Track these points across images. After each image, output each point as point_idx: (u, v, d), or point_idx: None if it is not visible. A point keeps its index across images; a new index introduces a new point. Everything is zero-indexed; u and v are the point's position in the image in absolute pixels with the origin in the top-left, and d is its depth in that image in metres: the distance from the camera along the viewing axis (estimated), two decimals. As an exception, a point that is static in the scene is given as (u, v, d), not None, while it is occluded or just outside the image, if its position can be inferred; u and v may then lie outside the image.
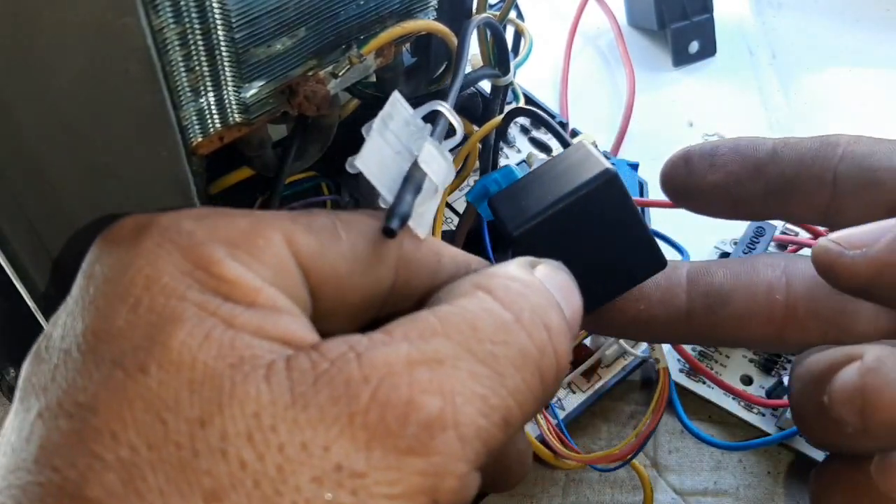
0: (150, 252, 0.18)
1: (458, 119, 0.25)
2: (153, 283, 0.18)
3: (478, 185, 0.27)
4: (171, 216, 0.19)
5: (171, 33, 0.22)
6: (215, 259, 0.18)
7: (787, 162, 0.25)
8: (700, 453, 0.37)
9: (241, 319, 0.17)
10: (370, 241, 0.20)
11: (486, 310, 0.19)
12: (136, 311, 0.17)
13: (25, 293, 0.25)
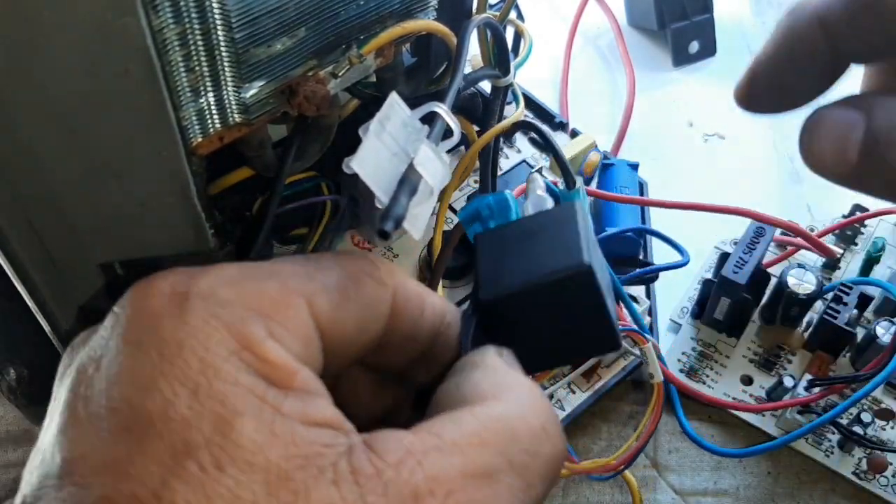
0: (200, 330, 0.19)
1: (456, 120, 0.25)
2: (208, 366, 0.18)
3: (471, 207, 0.27)
4: (208, 281, 0.20)
5: (171, 33, 0.22)
6: (258, 339, 0.19)
7: None
8: (700, 453, 0.37)
9: (288, 407, 0.18)
10: (374, 299, 0.22)
11: (520, 417, 0.20)
12: (198, 398, 0.18)
13: (25, 293, 0.25)
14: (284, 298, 0.20)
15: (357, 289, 0.21)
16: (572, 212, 0.25)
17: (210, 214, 0.27)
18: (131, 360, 0.18)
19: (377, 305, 0.22)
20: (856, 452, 0.36)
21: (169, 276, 0.20)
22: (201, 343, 0.18)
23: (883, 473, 0.35)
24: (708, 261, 0.42)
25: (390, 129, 0.23)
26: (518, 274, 0.24)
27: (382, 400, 0.25)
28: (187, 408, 0.18)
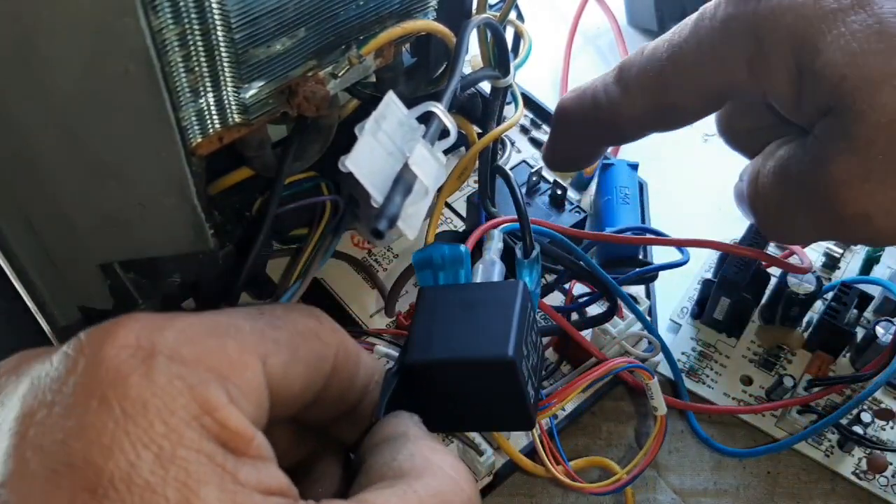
0: (165, 392, 0.19)
1: (452, 120, 0.25)
2: (172, 431, 0.18)
3: (426, 251, 0.27)
4: (172, 338, 0.20)
5: (171, 34, 0.22)
6: (219, 404, 0.19)
7: None
8: (700, 453, 0.37)
9: (244, 476, 0.19)
10: (319, 358, 0.23)
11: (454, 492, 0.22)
12: (161, 464, 0.18)
13: (25, 293, 0.25)
14: (242, 358, 0.20)
15: (305, 348, 0.22)
16: (514, 294, 0.25)
17: (210, 214, 0.27)
18: (93, 416, 0.18)
19: (321, 364, 0.23)
20: (856, 452, 0.36)
21: (131, 326, 0.20)
22: (166, 406, 0.18)
23: (883, 473, 0.35)
24: (708, 261, 0.42)
25: (386, 128, 0.23)
26: (447, 345, 0.24)
27: (299, 452, 0.26)
28: (150, 473, 0.18)
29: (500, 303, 0.25)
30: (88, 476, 0.17)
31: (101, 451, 0.18)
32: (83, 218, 0.25)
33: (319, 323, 0.23)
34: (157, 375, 0.19)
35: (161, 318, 0.20)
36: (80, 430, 0.18)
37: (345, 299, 0.38)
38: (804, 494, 0.35)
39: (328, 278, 0.39)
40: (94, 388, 0.18)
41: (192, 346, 0.20)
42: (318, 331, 0.23)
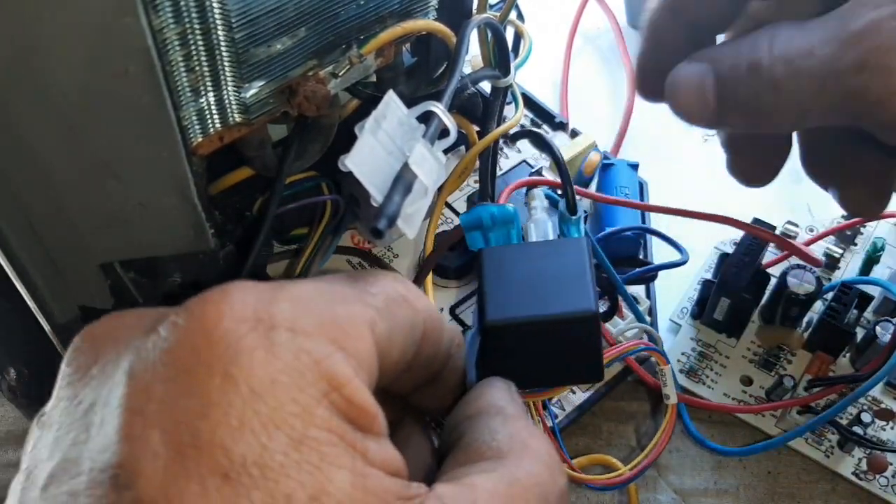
0: (292, 368, 0.18)
1: (452, 120, 0.25)
2: (302, 409, 0.17)
3: (474, 213, 0.27)
4: (289, 309, 0.19)
5: (171, 33, 0.22)
6: (345, 379, 0.18)
7: None
8: (700, 453, 0.37)
9: (372, 455, 0.18)
10: (412, 325, 0.22)
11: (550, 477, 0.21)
12: (294, 445, 0.17)
13: (25, 293, 0.25)
14: (355, 329, 0.19)
15: (400, 314, 0.21)
16: (581, 249, 0.26)
17: (210, 214, 0.27)
18: (218, 394, 0.17)
19: (413, 331, 0.22)
20: (856, 453, 0.36)
21: (244, 297, 0.18)
22: (295, 383, 0.17)
23: (883, 473, 0.35)
24: (708, 261, 0.42)
25: (386, 128, 0.23)
26: (526, 303, 0.25)
27: None
28: (284, 455, 0.17)
29: (570, 258, 0.26)
30: (218, 459, 0.16)
31: (230, 432, 0.17)
32: (83, 217, 0.25)
33: (407, 289, 0.22)
34: (282, 350, 0.18)
35: (272, 288, 0.19)
36: (204, 409, 0.17)
37: (345, 299, 0.38)
38: (804, 494, 0.35)
39: (328, 278, 0.39)
40: (214, 365, 0.17)
41: (309, 317, 0.19)
42: (407, 296, 0.22)
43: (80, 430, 0.18)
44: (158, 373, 0.17)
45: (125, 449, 0.17)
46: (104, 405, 0.18)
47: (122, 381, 0.18)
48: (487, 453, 0.21)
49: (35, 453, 0.19)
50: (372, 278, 0.22)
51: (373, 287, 0.21)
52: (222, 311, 0.18)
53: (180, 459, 0.16)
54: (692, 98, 0.27)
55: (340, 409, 0.18)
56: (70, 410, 0.18)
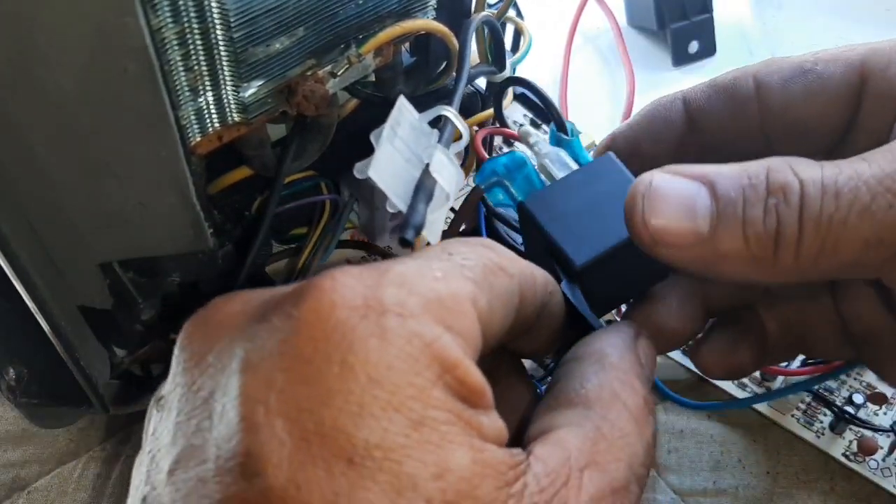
0: (406, 353, 0.18)
1: (465, 123, 0.25)
2: (420, 392, 0.18)
3: (485, 170, 0.27)
4: (395, 292, 0.19)
5: (170, 33, 0.22)
6: (456, 360, 0.19)
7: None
8: (700, 453, 0.37)
9: (485, 430, 0.19)
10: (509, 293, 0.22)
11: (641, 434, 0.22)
12: (414, 426, 0.18)
13: (25, 293, 0.25)
14: (458, 306, 0.20)
15: (497, 283, 0.21)
16: (615, 166, 0.26)
17: (209, 214, 0.27)
18: (337, 382, 0.17)
19: (511, 298, 0.22)
20: (847, 435, 0.36)
21: (352, 284, 0.19)
22: (411, 367, 0.18)
23: (873, 456, 0.35)
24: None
25: (401, 135, 0.23)
26: (599, 234, 0.25)
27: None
28: (405, 437, 0.17)
29: (610, 178, 0.26)
30: (342, 444, 0.17)
31: (351, 418, 0.17)
32: (83, 217, 0.25)
33: (499, 255, 0.22)
34: (394, 336, 0.18)
35: (377, 272, 0.19)
36: (325, 397, 0.17)
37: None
38: (803, 494, 0.35)
39: (328, 278, 0.39)
40: (331, 354, 0.18)
41: (415, 298, 0.19)
42: (502, 264, 0.22)
43: (201, 417, 0.18)
44: (276, 363, 0.18)
45: (250, 437, 0.17)
46: (223, 394, 0.18)
47: (238, 369, 0.18)
48: (575, 400, 0.22)
49: (157, 437, 0.20)
50: (465, 248, 0.22)
51: (468, 259, 0.21)
52: (334, 300, 0.18)
53: (305, 446, 0.17)
54: (676, 215, 0.22)
55: (454, 390, 0.19)
56: (189, 397, 0.19)
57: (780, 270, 0.22)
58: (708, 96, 0.28)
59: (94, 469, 0.36)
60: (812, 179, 0.21)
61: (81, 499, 0.35)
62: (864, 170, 0.21)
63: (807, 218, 0.21)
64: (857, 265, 0.22)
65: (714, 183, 0.22)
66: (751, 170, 0.22)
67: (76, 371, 0.27)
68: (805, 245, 0.21)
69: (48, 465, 0.36)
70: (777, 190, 0.22)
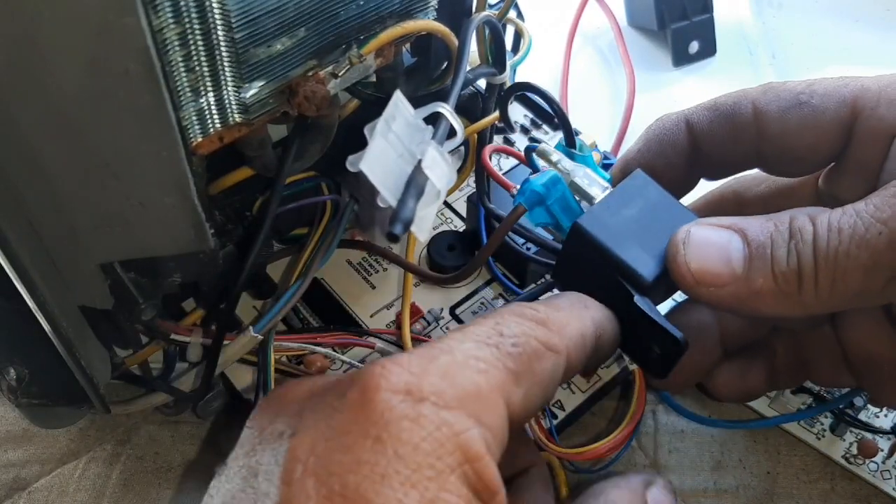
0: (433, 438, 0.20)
1: (459, 121, 0.25)
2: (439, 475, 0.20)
3: (526, 190, 0.28)
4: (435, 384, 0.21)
5: (171, 33, 0.22)
6: (478, 454, 0.20)
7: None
8: (700, 453, 0.37)
9: None
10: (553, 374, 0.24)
11: None
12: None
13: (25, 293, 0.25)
14: (491, 399, 0.22)
15: (541, 368, 0.23)
16: (650, 183, 0.28)
17: (210, 214, 0.27)
18: (368, 454, 0.20)
19: (555, 378, 0.24)
20: (847, 437, 0.36)
21: (399, 371, 0.21)
22: (434, 451, 0.20)
23: (873, 458, 0.35)
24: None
25: (396, 129, 0.23)
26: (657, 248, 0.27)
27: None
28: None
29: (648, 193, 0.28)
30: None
31: (372, 485, 0.19)
32: (83, 218, 0.25)
33: (547, 331, 0.24)
34: (426, 421, 0.20)
35: (425, 360, 0.22)
36: (355, 465, 0.20)
37: (345, 299, 0.38)
38: (803, 494, 0.35)
39: (328, 278, 0.39)
40: (369, 430, 0.20)
41: (454, 389, 0.21)
42: (550, 342, 0.24)
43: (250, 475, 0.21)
44: (322, 433, 0.21)
45: (284, 490, 0.20)
46: (273, 455, 0.21)
47: (290, 435, 0.21)
48: None
49: (211, 496, 0.22)
50: (515, 326, 0.23)
51: (517, 345, 0.23)
52: (379, 384, 0.21)
53: (323, 500, 0.19)
54: (714, 258, 0.26)
55: (470, 482, 0.20)
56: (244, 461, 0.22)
57: (804, 303, 0.25)
58: (710, 120, 0.30)
59: (94, 469, 0.36)
60: (821, 220, 0.24)
61: (82, 499, 0.35)
62: (860, 208, 0.24)
63: (819, 254, 0.24)
64: (864, 292, 0.24)
65: (745, 231, 0.26)
66: (776, 218, 0.25)
67: (77, 371, 0.27)
68: (821, 278, 0.24)
69: (49, 465, 0.36)
70: (796, 232, 0.25)
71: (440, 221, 0.42)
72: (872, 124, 0.27)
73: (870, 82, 0.28)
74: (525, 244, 0.37)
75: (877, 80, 0.28)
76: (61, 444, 0.37)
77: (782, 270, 0.25)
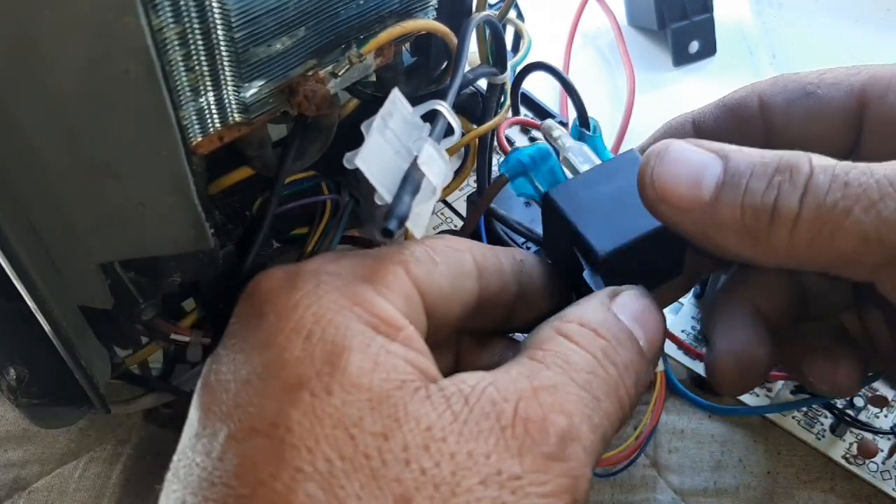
0: (312, 293, 0.21)
1: (457, 119, 0.25)
2: (321, 317, 0.20)
3: (511, 160, 0.28)
4: (314, 263, 0.22)
5: (171, 33, 0.22)
6: (368, 297, 0.21)
7: None
8: (700, 453, 0.37)
9: (393, 348, 0.20)
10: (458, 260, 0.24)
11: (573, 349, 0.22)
12: (311, 341, 0.20)
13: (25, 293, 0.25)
14: (383, 266, 0.22)
15: (440, 253, 0.24)
16: (638, 160, 0.27)
17: (210, 214, 0.27)
18: (254, 328, 0.21)
19: (463, 265, 0.24)
20: (847, 437, 0.36)
21: (279, 266, 0.22)
22: (314, 301, 0.21)
23: (873, 459, 0.35)
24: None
25: (393, 126, 0.23)
26: (622, 226, 0.26)
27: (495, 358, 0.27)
28: (301, 350, 0.20)
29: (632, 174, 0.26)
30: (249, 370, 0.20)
31: (258, 349, 0.20)
32: (83, 217, 0.25)
33: (443, 237, 0.25)
34: (303, 283, 0.21)
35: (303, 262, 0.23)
36: (243, 343, 0.21)
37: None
38: (803, 494, 0.35)
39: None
40: (251, 312, 0.21)
41: (333, 264, 0.22)
42: (446, 241, 0.24)
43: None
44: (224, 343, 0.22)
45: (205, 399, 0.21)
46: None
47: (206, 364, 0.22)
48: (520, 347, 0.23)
49: None
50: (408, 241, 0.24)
51: (407, 243, 0.24)
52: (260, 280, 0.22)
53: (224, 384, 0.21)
54: (686, 179, 0.23)
55: (363, 318, 0.21)
56: None
57: (772, 249, 0.22)
58: (716, 118, 0.29)
59: (94, 469, 0.36)
60: (823, 166, 0.21)
61: (82, 499, 0.35)
62: (877, 169, 0.21)
63: (809, 200, 0.21)
64: (852, 262, 0.21)
65: (728, 157, 0.23)
66: (767, 153, 0.22)
67: (77, 371, 0.27)
68: (802, 227, 0.21)
69: (49, 465, 0.36)
70: (785, 168, 0.22)
71: (440, 221, 0.42)
72: (882, 113, 0.26)
73: (880, 70, 0.26)
74: (525, 243, 0.37)
75: (887, 69, 0.26)
76: (61, 444, 0.37)
77: (753, 203, 0.22)
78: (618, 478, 0.36)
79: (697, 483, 0.36)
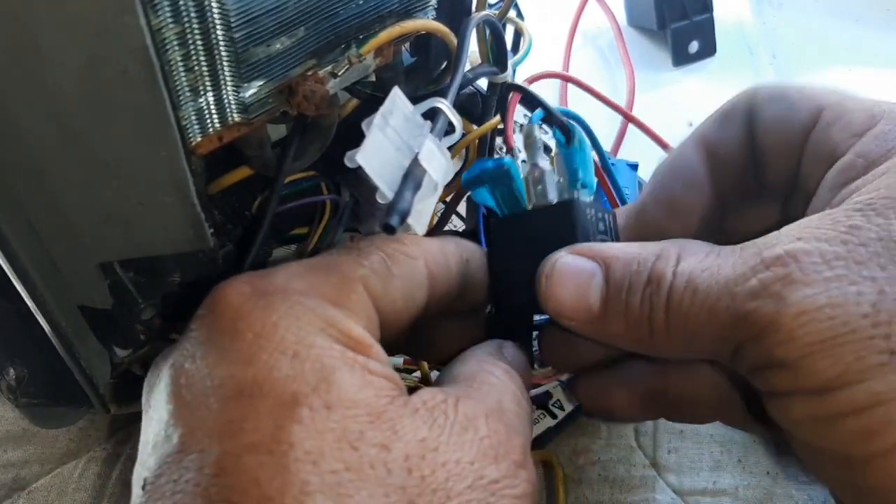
0: (290, 314, 0.22)
1: (458, 116, 0.25)
2: (303, 338, 0.21)
3: (475, 168, 0.29)
4: (280, 278, 0.23)
5: (170, 33, 0.22)
6: (339, 319, 0.22)
7: None
8: (699, 453, 0.37)
9: (372, 366, 0.22)
10: (412, 273, 0.25)
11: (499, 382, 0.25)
12: (298, 361, 0.21)
13: (25, 293, 0.25)
14: (345, 285, 0.23)
15: (396, 266, 0.25)
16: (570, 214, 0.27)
17: (210, 214, 0.27)
18: (229, 345, 0.21)
19: (415, 276, 0.25)
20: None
21: (243, 278, 0.23)
22: (293, 323, 0.21)
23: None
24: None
25: (393, 124, 0.23)
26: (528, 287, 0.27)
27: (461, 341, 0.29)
28: (290, 368, 0.20)
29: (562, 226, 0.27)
30: (232, 386, 0.20)
31: (240, 366, 0.21)
32: (83, 217, 0.25)
33: (400, 242, 0.26)
34: (279, 304, 0.22)
35: (266, 270, 0.23)
36: (219, 359, 0.21)
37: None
38: (803, 495, 0.35)
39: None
40: (223, 328, 0.22)
41: (300, 281, 0.23)
42: (402, 249, 0.25)
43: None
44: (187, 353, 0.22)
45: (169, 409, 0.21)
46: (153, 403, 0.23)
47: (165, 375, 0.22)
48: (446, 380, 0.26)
49: None
50: (367, 242, 0.25)
51: (366, 251, 0.25)
52: (224, 291, 0.23)
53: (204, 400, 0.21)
54: (572, 293, 0.25)
55: (339, 339, 0.22)
56: None
57: (658, 349, 0.25)
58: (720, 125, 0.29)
59: (94, 469, 0.36)
60: (682, 272, 0.23)
61: (81, 499, 0.35)
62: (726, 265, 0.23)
63: (672, 308, 0.23)
64: (716, 354, 0.24)
65: (609, 266, 0.25)
66: (643, 255, 0.25)
67: (76, 371, 0.27)
68: (672, 331, 0.24)
69: (48, 465, 0.36)
70: (655, 279, 0.24)
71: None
72: (818, 141, 0.25)
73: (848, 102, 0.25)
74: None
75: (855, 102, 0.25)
76: (61, 444, 0.37)
77: (634, 318, 0.24)
78: (617, 477, 0.36)
79: (697, 483, 0.36)
